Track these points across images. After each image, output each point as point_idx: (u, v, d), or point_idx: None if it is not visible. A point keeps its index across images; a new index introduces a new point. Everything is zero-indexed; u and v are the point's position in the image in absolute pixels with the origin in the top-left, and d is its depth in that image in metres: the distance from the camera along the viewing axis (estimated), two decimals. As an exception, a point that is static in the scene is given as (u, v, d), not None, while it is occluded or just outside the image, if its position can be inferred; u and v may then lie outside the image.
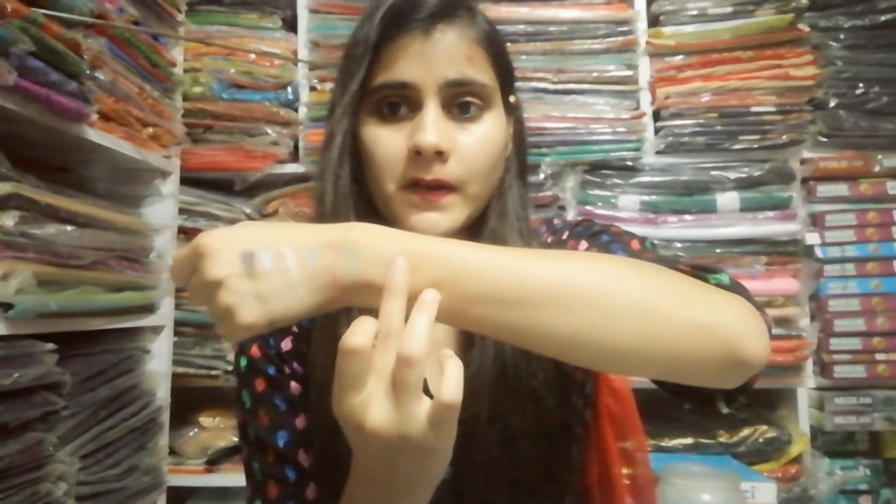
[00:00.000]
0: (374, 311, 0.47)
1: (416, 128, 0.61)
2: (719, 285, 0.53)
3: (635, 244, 0.66)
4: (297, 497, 0.66)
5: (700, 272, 0.54)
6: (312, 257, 0.46)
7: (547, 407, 0.63)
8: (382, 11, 0.62)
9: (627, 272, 0.49)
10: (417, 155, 0.61)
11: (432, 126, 0.60)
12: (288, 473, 0.67)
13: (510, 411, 0.62)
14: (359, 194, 0.65)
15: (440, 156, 0.61)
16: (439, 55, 0.61)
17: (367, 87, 0.63)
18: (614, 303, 0.47)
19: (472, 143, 0.63)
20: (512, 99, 0.69)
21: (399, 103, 0.63)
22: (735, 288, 0.53)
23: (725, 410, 0.57)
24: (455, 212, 0.63)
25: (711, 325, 0.47)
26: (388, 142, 0.62)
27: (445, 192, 0.62)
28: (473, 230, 0.68)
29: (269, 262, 0.45)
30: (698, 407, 0.57)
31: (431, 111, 0.61)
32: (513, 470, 0.63)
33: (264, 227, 0.48)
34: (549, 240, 0.72)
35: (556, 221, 0.75)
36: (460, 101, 0.63)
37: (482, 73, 0.63)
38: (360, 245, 0.47)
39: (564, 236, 0.71)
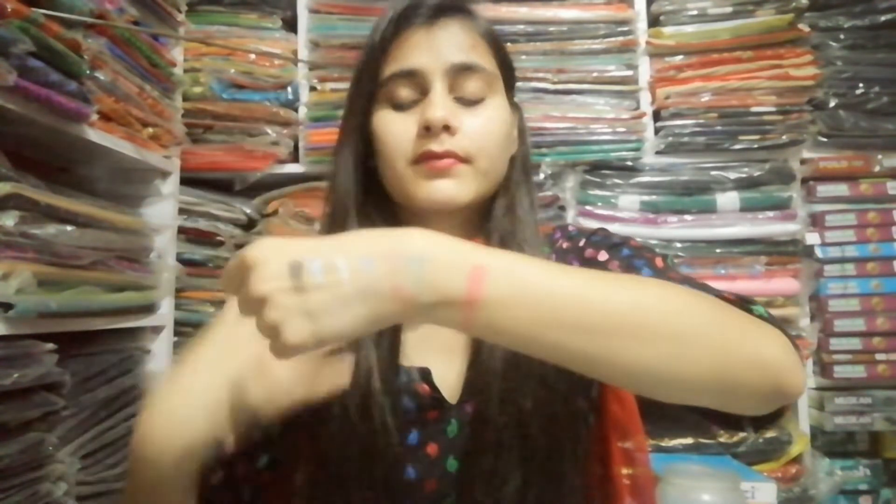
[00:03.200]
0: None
1: (425, 107, 0.64)
2: (761, 318, 0.53)
3: (659, 262, 0.65)
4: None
5: (743, 303, 0.54)
6: (369, 266, 0.43)
7: (556, 392, 0.64)
8: (389, 16, 0.67)
9: (697, 302, 0.48)
10: (427, 131, 0.63)
11: (440, 102, 0.64)
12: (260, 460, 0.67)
13: (521, 395, 0.62)
14: (372, 188, 0.68)
15: (448, 129, 0.63)
16: (443, 42, 0.65)
17: (378, 82, 0.66)
18: (690, 333, 0.46)
19: (478, 124, 0.65)
20: (515, 99, 0.72)
21: (408, 94, 0.66)
22: (772, 321, 0.53)
23: (753, 436, 0.59)
24: (466, 181, 0.65)
25: (767, 359, 0.47)
26: (398, 126, 0.65)
27: (455, 161, 0.64)
28: (482, 226, 0.69)
29: (319, 274, 0.42)
30: (726, 429, 0.57)
31: (439, 91, 0.64)
32: (523, 454, 0.63)
33: (316, 239, 0.46)
34: (565, 245, 0.72)
35: (570, 228, 0.75)
36: (466, 85, 0.65)
37: (485, 61, 0.67)
38: (426, 253, 0.44)
39: (581, 243, 0.71)
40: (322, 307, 0.42)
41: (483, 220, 0.70)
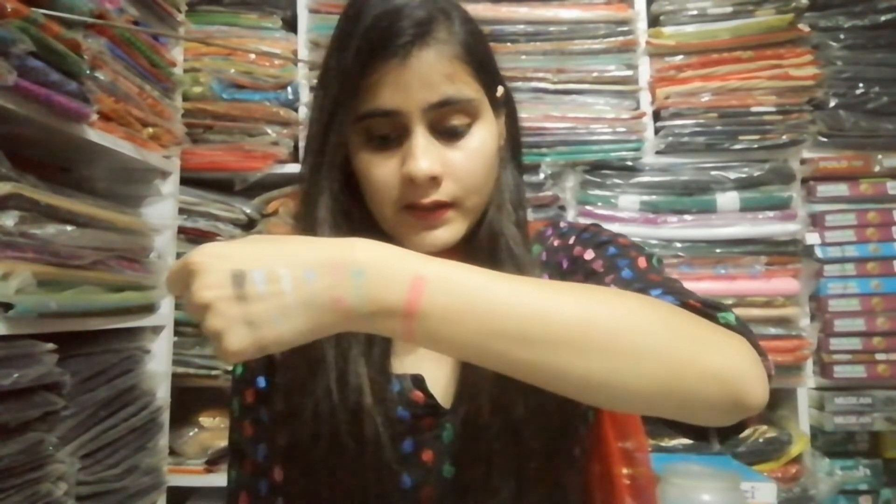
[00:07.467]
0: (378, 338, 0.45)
1: (407, 156, 0.61)
2: (728, 325, 0.52)
3: (642, 262, 0.65)
4: None
5: (709, 309, 0.54)
6: (311, 277, 0.43)
7: (548, 397, 0.63)
8: (358, 40, 0.61)
9: (650, 314, 0.48)
10: (412, 181, 0.61)
11: (422, 152, 0.60)
12: (261, 487, 0.67)
13: (512, 401, 0.62)
14: (354, 213, 0.65)
15: (434, 180, 0.61)
16: (418, 81, 0.60)
17: (352, 115, 0.62)
18: (638, 347, 0.45)
19: (464, 161, 0.62)
20: (499, 91, 0.68)
21: (387, 132, 0.62)
22: (741, 329, 0.53)
23: (718, 448, 0.58)
24: (455, 225, 0.64)
25: (722, 372, 0.47)
26: (380, 169, 0.62)
27: (444, 210, 0.62)
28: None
29: (261, 284, 0.43)
30: (692, 439, 0.56)
31: (420, 137, 0.61)
32: (516, 461, 0.63)
33: (260, 244, 0.46)
34: (556, 243, 0.72)
35: (562, 225, 0.75)
36: (447, 121, 0.62)
37: (465, 88, 0.62)
38: (367, 265, 0.44)
39: (571, 241, 0.71)
40: (263, 317, 0.43)
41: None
